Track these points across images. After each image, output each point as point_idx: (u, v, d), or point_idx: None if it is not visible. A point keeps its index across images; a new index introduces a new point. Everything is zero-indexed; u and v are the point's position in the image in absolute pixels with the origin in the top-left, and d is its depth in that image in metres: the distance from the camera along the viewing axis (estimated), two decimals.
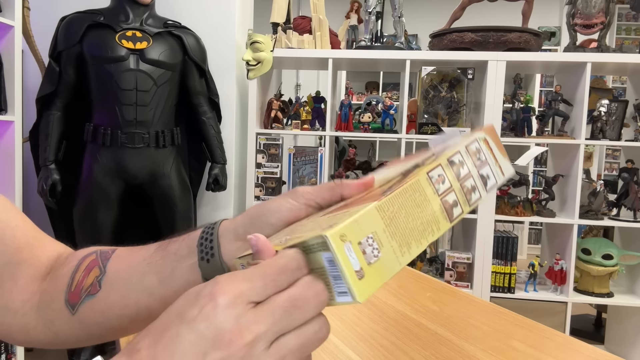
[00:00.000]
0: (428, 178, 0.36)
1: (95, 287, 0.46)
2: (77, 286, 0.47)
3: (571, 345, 0.71)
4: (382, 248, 0.31)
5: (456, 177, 0.38)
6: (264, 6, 2.91)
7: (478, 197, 0.40)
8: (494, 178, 0.42)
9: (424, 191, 0.35)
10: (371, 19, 2.31)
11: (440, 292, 0.95)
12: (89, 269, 0.47)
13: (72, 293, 0.47)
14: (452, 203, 0.37)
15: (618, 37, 5.19)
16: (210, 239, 0.42)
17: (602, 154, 5.10)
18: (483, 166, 0.41)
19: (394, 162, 0.48)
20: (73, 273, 0.48)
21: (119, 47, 1.93)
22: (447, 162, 0.38)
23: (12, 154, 1.79)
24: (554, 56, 2.43)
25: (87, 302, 0.46)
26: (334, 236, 0.29)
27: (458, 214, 0.37)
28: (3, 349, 1.83)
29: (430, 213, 0.35)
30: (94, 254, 0.49)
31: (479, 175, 0.40)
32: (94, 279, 0.46)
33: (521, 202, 2.23)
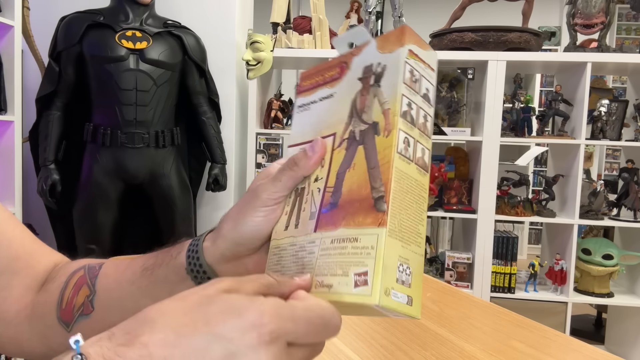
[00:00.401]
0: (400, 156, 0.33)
1: (87, 308, 0.46)
2: (67, 304, 0.47)
3: (571, 345, 0.71)
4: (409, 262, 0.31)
5: (413, 125, 0.35)
6: (264, 6, 2.91)
7: (430, 120, 0.37)
8: (430, 84, 0.37)
9: (404, 172, 0.33)
10: (371, 18, 2.31)
11: (440, 292, 0.95)
12: (77, 287, 0.47)
13: (64, 311, 0.47)
14: (421, 153, 0.35)
15: (618, 37, 5.20)
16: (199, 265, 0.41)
17: (602, 154, 5.10)
18: (420, 84, 0.36)
19: (307, 85, 0.44)
20: (62, 290, 0.48)
21: (119, 47, 1.93)
22: (402, 119, 0.34)
23: (12, 154, 1.79)
24: (554, 56, 2.43)
25: (81, 322, 0.46)
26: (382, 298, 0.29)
27: (427, 156, 0.36)
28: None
29: (415, 185, 0.34)
30: (82, 270, 0.49)
31: (422, 99, 0.36)
32: (84, 299, 0.46)
33: (521, 202, 2.23)
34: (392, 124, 0.34)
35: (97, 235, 2.00)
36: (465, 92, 2.21)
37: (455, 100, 2.22)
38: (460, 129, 2.21)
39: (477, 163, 2.24)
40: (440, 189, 2.30)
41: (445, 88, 2.23)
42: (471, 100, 2.23)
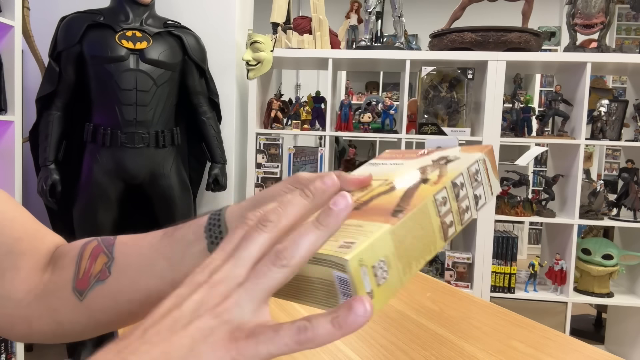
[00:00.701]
0: (434, 200, 0.37)
1: (104, 273, 0.47)
2: (85, 273, 0.47)
3: (571, 345, 0.71)
4: (390, 270, 0.33)
5: (456, 198, 0.40)
6: (264, 6, 2.91)
7: (470, 217, 0.41)
8: (484, 198, 0.43)
9: (429, 213, 0.37)
10: (371, 19, 2.31)
11: (440, 292, 0.95)
12: (94, 256, 0.48)
13: (80, 280, 0.47)
14: (449, 224, 0.39)
15: (618, 37, 5.20)
16: (219, 224, 0.44)
17: (602, 154, 5.10)
18: (478, 187, 0.43)
19: (385, 156, 0.49)
20: (78, 261, 0.48)
21: (119, 47, 1.93)
22: (451, 184, 0.39)
23: (12, 154, 1.79)
24: (554, 56, 2.43)
25: (96, 288, 0.47)
26: (353, 261, 0.30)
27: (452, 233, 0.39)
28: (3, 349, 1.83)
29: (431, 234, 0.37)
30: (95, 241, 0.50)
31: (474, 196, 0.42)
32: (102, 266, 0.47)
33: (521, 202, 2.23)
34: (441, 182, 0.39)
35: (97, 235, 2.00)
36: (465, 92, 2.21)
37: (455, 100, 2.22)
38: (460, 129, 2.21)
39: None
40: None
41: (445, 88, 2.23)
42: (471, 100, 2.23)
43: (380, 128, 2.37)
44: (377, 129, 2.38)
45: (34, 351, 2.43)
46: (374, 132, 2.37)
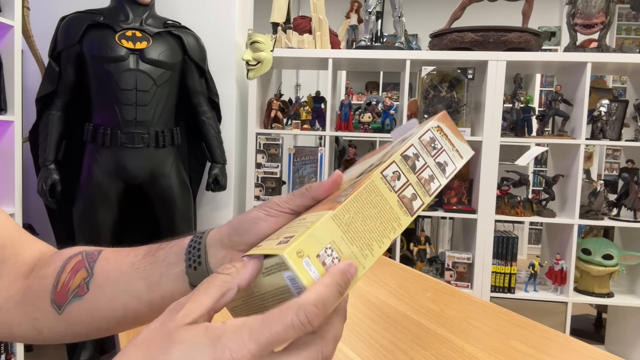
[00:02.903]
0: (382, 177, 0.36)
1: (82, 289, 0.47)
2: (63, 287, 0.47)
3: (571, 346, 0.71)
4: (342, 256, 0.32)
5: (411, 170, 0.39)
6: (264, 6, 2.91)
7: (438, 185, 0.41)
8: (452, 164, 0.43)
9: (380, 191, 0.36)
10: (371, 18, 2.31)
11: (440, 292, 0.95)
12: (75, 270, 0.48)
13: (58, 293, 0.47)
14: (411, 197, 0.38)
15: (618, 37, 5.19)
16: (198, 248, 0.43)
17: (602, 154, 5.09)
18: (439, 154, 0.42)
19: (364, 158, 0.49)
20: (59, 274, 0.48)
21: (119, 47, 1.93)
22: (401, 158, 0.39)
23: (12, 154, 1.79)
24: (554, 56, 2.43)
25: (74, 303, 0.47)
26: (291, 254, 0.29)
27: (418, 206, 0.38)
28: (3, 349, 1.83)
29: (388, 211, 0.36)
30: (80, 255, 0.49)
31: (436, 164, 0.41)
32: (81, 281, 0.47)
33: (521, 202, 2.23)
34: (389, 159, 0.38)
35: (97, 235, 2.00)
36: (465, 92, 2.21)
37: (455, 100, 2.22)
38: (460, 129, 2.20)
39: (477, 163, 2.24)
40: None
41: (445, 88, 2.23)
42: (471, 100, 2.23)
43: (380, 128, 2.37)
44: (377, 129, 2.38)
45: (34, 351, 2.43)
46: (374, 132, 2.37)
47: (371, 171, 0.37)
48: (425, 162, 0.40)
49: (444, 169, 0.42)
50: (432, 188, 0.40)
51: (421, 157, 0.40)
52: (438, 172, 0.41)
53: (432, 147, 0.41)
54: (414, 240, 2.35)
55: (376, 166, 0.38)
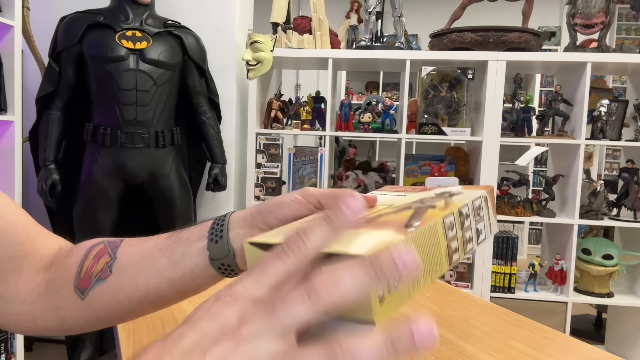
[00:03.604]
0: (443, 223, 0.38)
1: (105, 272, 0.48)
2: (86, 273, 0.49)
3: (571, 345, 0.71)
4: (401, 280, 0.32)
5: (461, 226, 0.41)
6: (264, 6, 2.91)
7: (471, 248, 0.43)
8: (484, 234, 0.46)
9: (438, 234, 0.38)
10: (371, 18, 2.31)
11: (440, 292, 0.95)
12: (98, 257, 0.49)
13: (82, 279, 0.49)
14: (454, 249, 0.40)
15: (618, 37, 5.19)
16: (222, 223, 0.45)
17: (602, 154, 5.09)
18: (480, 221, 0.45)
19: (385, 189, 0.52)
20: (82, 261, 0.50)
21: (119, 47, 1.93)
22: (458, 212, 0.41)
23: (12, 154, 1.79)
24: (554, 56, 2.43)
25: (97, 286, 0.48)
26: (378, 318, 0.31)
27: (455, 259, 0.40)
28: (3, 349, 1.83)
29: (438, 254, 0.38)
30: (102, 244, 0.51)
31: (476, 229, 0.44)
32: (104, 265, 0.48)
33: (521, 202, 2.23)
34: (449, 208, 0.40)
35: (97, 235, 1.98)
36: (465, 92, 2.21)
37: (455, 100, 2.22)
38: (460, 129, 2.21)
39: (477, 163, 2.24)
40: None
41: (445, 88, 2.23)
42: (471, 100, 2.23)
43: (380, 128, 2.37)
44: (377, 129, 2.38)
45: (34, 351, 2.43)
46: (374, 132, 2.37)
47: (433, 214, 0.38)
48: (470, 223, 0.43)
49: (478, 236, 0.44)
50: (467, 248, 0.42)
51: (469, 219, 0.43)
52: (475, 237, 0.44)
53: (477, 213, 0.44)
54: None
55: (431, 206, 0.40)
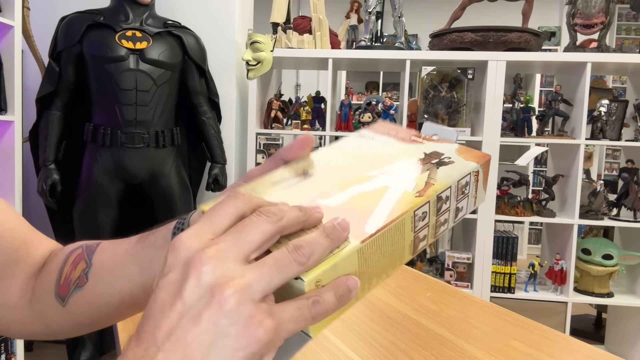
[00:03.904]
0: (413, 216, 0.35)
1: (82, 280, 0.48)
2: (65, 280, 0.49)
3: (571, 345, 0.71)
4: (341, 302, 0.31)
5: (436, 212, 0.38)
6: (264, 6, 2.91)
7: (445, 229, 0.40)
8: (466, 209, 0.41)
9: (403, 230, 0.35)
10: (371, 18, 2.31)
11: (440, 292, 0.95)
12: (75, 263, 0.50)
13: (61, 286, 0.49)
14: (422, 237, 0.37)
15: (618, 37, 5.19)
16: (182, 226, 0.45)
17: (602, 154, 5.10)
18: (463, 199, 0.40)
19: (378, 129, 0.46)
20: (61, 267, 0.50)
21: (119, 47, 1.93)
22: (436, 198, 0.37)
23: (12, 154, 1.79)
24: (554, 56, 2.43)
25: (75, 294, 0.48)
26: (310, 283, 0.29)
27: (422, 246, 0.37)
28: (3, 349, 1.83)
29: (400, 249, 0.35)
30: (80, 248, 0.51)
31: (455, 208, 0.40)
32: (80, 272, 0.49)
33: (521, 202, 2.23)
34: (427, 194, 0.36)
35: (97, 235, 2.00)
36: (465, 92, 2.21)
37: (455, 100, 2.22)
38: (460, 129, 2.21)
39: None
40: None
41: (445, 88, 2.23)
42: (471, 100, 2.23)
43: None
44: None
45: (34, 351, 2.43)
46: None
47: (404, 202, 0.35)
48: (449, 206, 0.39)
49: (457, 214, 0.41)
50: (439, 231, 0.39)
51: (449, 201, 0.39)
52: (452, 216, 0.40)
53: (462, 191, 0.40)
54: None
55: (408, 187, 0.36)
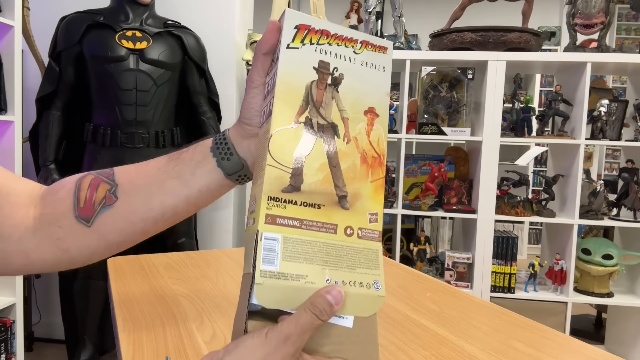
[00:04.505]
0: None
1: (110, 199, 0.51)
2: (87, 202, 0.50)
3: (571, 345, 0.71)
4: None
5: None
6: (264, 6, 2.91)
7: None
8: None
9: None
10: (371, 18, 2.31)
11: (440, 292, 0.95)
12: (94, 186, 0.52)
13: (83, 209, 0.50)
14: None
15: (618, 37, 5.20)
16: (225, 142, 0.50)
17: (602, 154, 5.10)
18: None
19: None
20: (75, 193, 0.51)
21: (119, 47, 1.93)
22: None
23: (12, 154, 1.79)
24: (554, 56, 2.43)
25: (104, 213, 0.50)
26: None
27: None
28: (3, 349, 1.83)
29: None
30: (89, 175, 0.53)
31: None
32: (105, 192, 0.51)
33: (521, 202, 2.23)
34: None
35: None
36: (465, 92, 2.21)
37: (455, 100, 2.22)
38: (460, 129, 2.21)
39: (477, 163, 2.24)
40: (440, 189, 2.30)
41: (445, 88, 2.23)
42: (471, 100, 2.23)
43: None
44: None
45: (34, 351, 2.43)
46: None
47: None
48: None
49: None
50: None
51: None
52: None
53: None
54: (414, 240, 2.35)
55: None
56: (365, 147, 0.39)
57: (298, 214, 0.36)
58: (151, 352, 0.63)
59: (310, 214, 0.36)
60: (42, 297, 2.48)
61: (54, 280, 2.33)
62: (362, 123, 0.39)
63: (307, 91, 0.39)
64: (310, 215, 0.36)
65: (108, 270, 1.00)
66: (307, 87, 0.39)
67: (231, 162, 0.50)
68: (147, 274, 0.98)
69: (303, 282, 0.35)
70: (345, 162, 0.38)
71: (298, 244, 0.35)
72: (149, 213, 0.50)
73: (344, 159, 0.38)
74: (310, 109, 0.39)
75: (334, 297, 0.36)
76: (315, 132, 0.38)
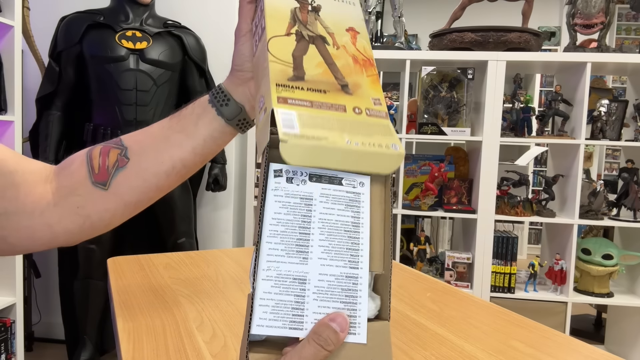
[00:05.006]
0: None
1: (122, 161, 0.53)
2: (101, 168, 0.53)
3: (571, 345, 0.71)
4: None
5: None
6: None
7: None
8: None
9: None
10: (371, 18, 2.31)
11: (440, 292, 0.95)
12: (105, 153, 0.54)
13: (98, 174, 0.53)
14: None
15: (618, 37, 5.20)
16: (222, 91, 0.53)
17: (602, 154, 5.10)
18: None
19: None
20: (88, 163, 0.54)
21: (119, 47, 1.93)
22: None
23: None
24: (554, 56, 2.43)
25: (118, 174, 0.53)
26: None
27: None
28: (3, 349, 1.83)
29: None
30: (99, 145, 0.55)
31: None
32: (116, 156, 0.53)
33: (521, 202, 2.23)
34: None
35: (98, 238, 2.00)
36: (465, 92, 2.21)
37: (455, 100, 2.23)
38: (460, 129, 2.21)
39: (477, 163, 2.24)
40: (440, 189, 2.30)
41: (445, 88, 2.23)
42: (471, 100, 2.23)
43: None
44: None
45: (34, 351, 2.43)
46: None
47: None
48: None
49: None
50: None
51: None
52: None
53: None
54: (414, 240, 2.35)
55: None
56: (354, 52, 0.43)
57: (307, 97, 0.38)
58: (151, 352, 0.63)
59: (317, 96, 0.38)
60: (42, 297, 2.48)
61: (54, 280, 2.33)
62: (347, 37, 0.43)
63: (292, 14, 0.44)
64: (318, 97, 0.38)
65: (108, 270, 1.00)
66: (292, 11, 0.44)
67: (229, 107, 0.53)
68: (147, 274, 0.98)
69: (325, 142, 0.35)
70: (339, 62, 0.41)
71: (313, 118, 0.37)
72: (160, 167, 0.53)
73: (338, 59, 0.41)
74: (299, 25, 0.43)
75: (339, 324, 0.34)
76: (307, 40, 0.42)
